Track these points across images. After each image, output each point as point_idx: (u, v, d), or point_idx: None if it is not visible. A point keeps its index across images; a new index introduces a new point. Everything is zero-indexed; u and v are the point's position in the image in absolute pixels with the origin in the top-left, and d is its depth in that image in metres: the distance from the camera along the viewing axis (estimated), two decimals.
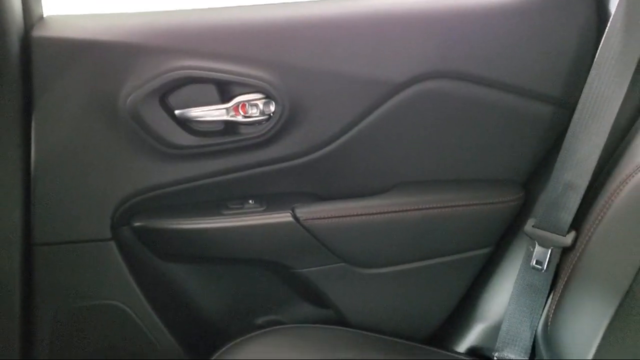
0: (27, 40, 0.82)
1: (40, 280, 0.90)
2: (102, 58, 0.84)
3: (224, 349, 0.83)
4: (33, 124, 0.83)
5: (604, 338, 0.79)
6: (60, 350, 0.92)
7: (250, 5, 0.88)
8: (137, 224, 0.90)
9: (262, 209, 0.90)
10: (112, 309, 0.92)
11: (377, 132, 0.91)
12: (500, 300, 0.96)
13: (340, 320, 0.98)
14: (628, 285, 0.77)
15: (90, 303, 0.92)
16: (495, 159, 0.94)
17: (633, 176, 0.81)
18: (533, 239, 0.92)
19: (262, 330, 0.87)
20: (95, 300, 0.92)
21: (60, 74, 0.83)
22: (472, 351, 0.98)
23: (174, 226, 0.90)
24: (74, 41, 0.83)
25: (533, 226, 0.92)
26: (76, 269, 0.90)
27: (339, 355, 0.84)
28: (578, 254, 0.86)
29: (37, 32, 0.82)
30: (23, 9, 0.82)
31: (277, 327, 0.89)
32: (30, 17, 0.84)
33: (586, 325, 0.82)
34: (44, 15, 0.87)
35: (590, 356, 0.80)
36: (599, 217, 0.84)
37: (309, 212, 0.90)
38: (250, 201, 0.91)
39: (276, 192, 0.92)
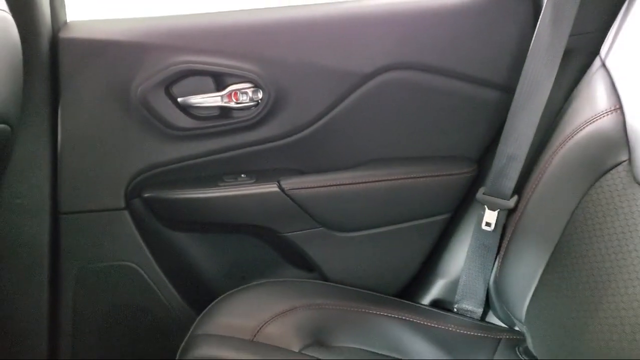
0: (55, 41, 0.98)
1: (66, 243, 1.05)
2: (116, 55, 1.00)
3: (215, 301, 0.98)
4: (60, 110, 1.00)
5: (538, 284, 0.94)
6: (82, 304, 1.07)
7: (240, 10, 1.05)
8: (146, 195, 1.06)
9: (252, 181, 1.06)
10: (126, 269, 1.08)
11: (350, 115, 1.07)
12: (458, 258, 1.12)
13: (322, 279, 1.14)
14: (558, 238, 0.92)
15: (107, 264, 1.08)
16: (451, 137, 1.10)
17: (562, 147, 0.97)
18: (483, 204, 1.07)
19: (251, 284, 1.03)
20: (112, 262, 1.08)
21: (82, 68, 0.99)
22: (435, 303, 1.13)
23: (178, 196, 1.06)
24: (94, 41, 1.00)
25: (483, 193, 1.07)
26: (95, 234, 1.06)
27: (319, 301, 1.00)
28: (519, 215, 1.02)
29: (63, 34, 0.99)
30: (51, 15, 0.99)
31: (264, 280, 1.05)
32: (57, 22, 1.00)
33: (525, 275, 0.97)
34: (68, 21, 1.03)
35: (527, 300, 0.96)
36: (536, 182, 0.99)
37: (292, 183, 1.06)
38: (242, 175, 1.07)
39: (264, 168, 1.08)
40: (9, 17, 0.80)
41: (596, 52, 0.97)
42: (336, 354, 0.90)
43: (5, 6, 0.83)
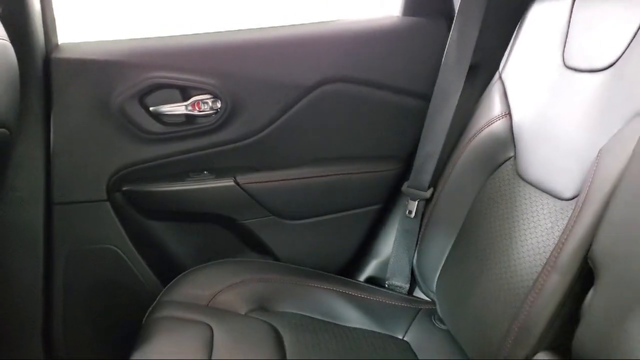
0: (47, 60, 1.18)
1: (57, 229, 1.25)
2: (99, 72, 1.21)
3: (180, 275, 1.18)
4: (52, 118, 1.20)
5: (445, 260, 1.14)
6: (71, 280, 1.27)
7: (201, 33, 1.25)
8: (125, 188, 1.26)
9: (213, 177, 1.26)
10: (108, 252, 1.28)
11: (296, 122, 1.27)
12: (388, 242, 1.32)
13: (274, 260, 1.34)
14: (461, 223, 1.12)
15: (92, 247, 1.27)
16: (380, 139, 1.31)
17: (466, 146, 1.17)
18: (407, 196, 1.27)
19: (211, 262, 1.22)
20: (96, 245, 1.27)
21: (70, 83, 1.20)
22: (369, 280, 1.33)
23: (152, 189, 1.26)
24: (79, 60, 1.20)
25: (407, 186, 1.27)
26: (82, 221, 1.26)
27: (266, 276, 1.20)
28: (433, 204, 1.22)
29: (55, 55, 1.19)
30: (45, 39, 1.19)
31: (224, 260, 1.25)
32: (50, 44, 1.21)
33: (436, 253, 1.16)
34: (59, 43, 1.24)
35: (437, 274, 1.15)
36: (446, 177, 1.19)
37: (247, 178, 1.27)
38: (205, 172, 1.27)
39: (224, 166, 1.28)
40: (7, 44, 1.01)
41: (497, 67, 1.17)
42: (276, 316, 1.10)
43: (5, 34, 1.03)
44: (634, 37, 0.84)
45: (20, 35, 1.12)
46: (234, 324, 1.04)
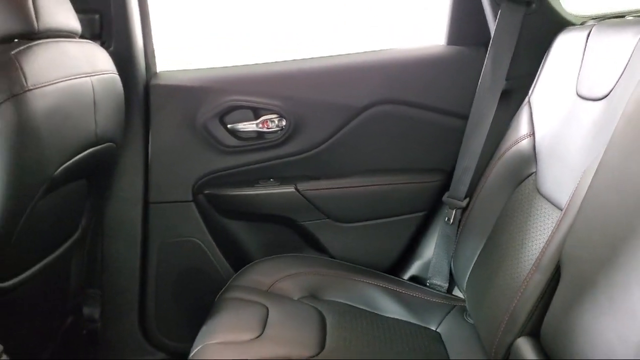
0: (147, 86, 1.46)
1: (152, 225, 1.52)
2: (188, 95, 1.47)
3: (247, 265, 1.41)
4: (150, 133, 1.47)
5: (475, 262, 1.28)
6: (162, 267, 1.54)
7: (270, 62, 1.48)
8: (206, 192, 1.51)
9: (277, 184, 1.48)
10: (192, 244, 1.53)
11: (349, 138, 1.46)
12: (430, 245, 1.47)
13: (328, 257, 1.53)
14: (490, 230, 1.26)
15: (180, 239, 1.53)
16: (424, 155, 1.47)
17: (497, 162, 1.31)
18: (447, 205, 1.43)
19: (273, 256, 1.44)
20: (183, 238, 1.53)
21: (165, 105, 1.46)
22: (413, 278, 1.49)
23: (227, 193, 1.50)
24: (172, 86, 1.47)
25: (447, 196, 1.43)
26: (172, 218, 1.52)
27: (319, 270, 1.39)
28: (468, 212, 1.37)
29: (153, 82, 1.47)
30: (145, 68, 1.47)
31: (284, 254, 1.47)
32: (149, 72, 1.48)
33: (468, 256, 1.31)
34: (157, 71, 1.51)
35: (467, 275, 1.29)
36: (480, 188, 1.34)
37: (305, 185, 1.48)
38: (271, 179, 1.49)
39: (286, 175, 1.50)
40: (116, 76, 1.28)
41: (527, 92, 1.30)
42: (323, 303, 1.29)
43: (114, 68, 1.30)
44: (624, 69, 0.96)
45: (126, 66, 1.40)
46: (286, 307, 1.25)
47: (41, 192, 1.01)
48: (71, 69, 1.07)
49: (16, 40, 1.01)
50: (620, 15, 1.23)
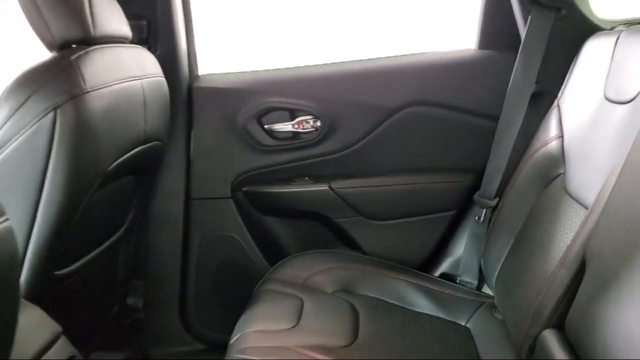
0: (190, 89, 1.54)
1: (193, 219, 1.60)
2: (228, 97, 1.54)
3: (283, 260, 1.47)
4: (192, 133, 1.55)
5: (504, 261, 1.32)
6: (202, 260, 1.61)
7: (305, 66, 1.54)
8: (244, 189, 1.58)
9: (312, 182, 1.54)
10: (230, 238, 1.60)
11: (382, 138, 1.52)
12: (460, 244, 1.52)
13: (361, 253, 1.58)
14: (519, 229, 1.29)
15: (218, 234, 1.61)
16: (455, 154, 1.51)
17: (526, 163, 1.35)
18: (477, 204, 1.47)
19: (308, 251, 1.50)
20: (222, 232, 1.60)
21: (207, 106, 1.54)
22: (443, 275, 1.54)
23: (264, 190, 1.57)
24: (213, 89, 1.54)
25: (478, 195, 1.47)
26: (211, 213, 1.59)
27: (352, 265, 1.45)
28: (498, 211, 1.40)
29: (195, 84, 1.54)
30: (189, 72, 1.55)
31: (319, 250, 1.52)
32: (192, 75, 1.56)
33: (497, 254, 1.35)
34: (199, 74, 1.59)
35: (497, 271, 1.33)
36: (509, 188, 1.38)
37: (339, 184, 1.53)
38: (306, 178, 1.56)
39: (321, 174, 1.56)
40: (162, 79, 1.36)
41: (556, 95, 1.34)
42: (356, 297, 1.35)
43: (160, 71, 1.38)
44: None
45: (171, 70, 1.48)
46: (321, 300, 1.31)
47: (96, 185, 1.09)
48: (124, 72, 1.15)
49: (74, 45, 1.10)
50: None
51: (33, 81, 1.00)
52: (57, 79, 1.00)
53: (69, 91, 0.99)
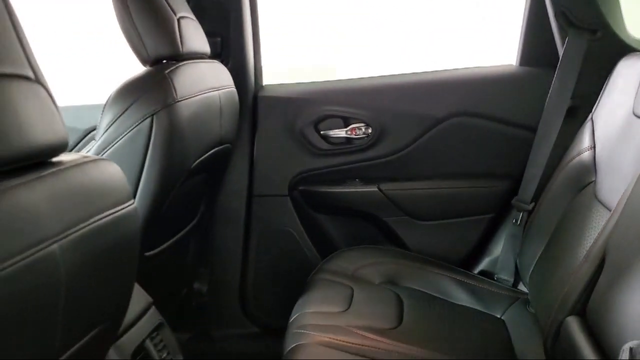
0: (255, 98, 1.72)
1: (253, 214, 1.78)
2: (288, 106, 1.71)
3: (334, 253, 1.63)
4: (256, 137, 1.73)
5: (538, 260, 1.45)
6: (261, 253, 1.78)
7: (358, 78, 1.70)
8: (300, 188, 1.75)
9: (362, 183, 1.70)
10: (287, 233, 1.77)
11: (428, 145, 1.66)
12: (498, 244, 1.64)
13: (406, 250, 1.73)
14: (552, 230, 1.42)
15: (276, 228, 1.78)
16: (495, 162, 1.65)
17: (561, 171, 1.47)
18: (515, 207, 1.59)
19: (357, 246, 1.66)
20: (279, 227, 1.78)
21: (269, 113, 1.72)
22: (482, 273, 1.67)
23: (319, 190, 1.73)
24: (276, 98, 1.72)
25: (515, 200, 1.59)
26: (270, 210, 1.77)
27: (398, 260, 1.59)
28: (534, 215, 1.53)
29: (260, 94, 1.72)
30: (255, 82, 1.73)
31: (367, 245, 1.68)
32: (257, 86, 1.74)
33: (531, 254, 1.48)
34: (263, 84, 1.77)
35: (530, 270, 1.46)
36: (545, 193, 1.51)
37: (387, 186, 1.69)
38: (357, 180, 1.72)
39: (371, 176, 1.72)
40: (234, 89, 1.54)
41: (591, 110, 1.46)
42: (401, 289, 1.49)
43: (232, 82, 1.56)
44: None
45: (240, 80, 1.66)
46: (369, 289, 1.46)
47: (181, 180, 1.27)
48: (205, 84, 1.33)
49: (165, 61, 1.29)
50: None
51: (133, 92, 1.20)
52: (154, 90, 1.19)
53: (164, 101, 1.18)
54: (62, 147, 0.66)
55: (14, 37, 0.61)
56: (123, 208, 0.74)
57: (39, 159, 0.63)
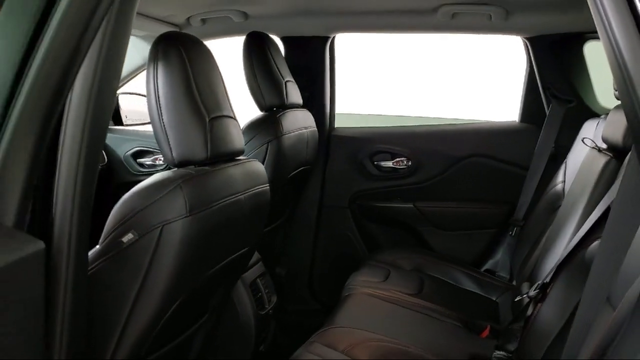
0: (329, 137, 2.41)
1: (322, 221, 2.43)
2: (352, 143, 2.39)
3: (378, 250, 2.26)
4: (327, 164, 2.40)
5: (523, 260, 2.04)
6: (326, 252, 2.43)
7: (401, 126, 2.37)
8: (358, 202, 2.40)
9: (402, 201, 2.34)
10: (345, 236, 2.43)
11: (450, 176, 2.30)
12: (499, 250, 2.24)
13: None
14: (536, 239, 2.02)
15: (338, 232, 2.43)
16: (499, 191, 2.26)
17: (544, 197, 2.07)
18: (511, 224, 2.19)
19: (395, 248, 2.29)
20: (340, 231, 2.43)
21: (338, 148, 2.40)
22: (487, 271, 2.26)
23: (371, 204, 2.39)
24: (344, 137, 2.41)
25: (512, 219, 2.19)
26: (335, 217, 2.42)
27: (425, 258, 2.21)
28: (524, 229, 2.13)
29: (333, 133, 2.41)
30: (329, 126, 2.42)
31: (402, 248, 2.30)
32: (331, 127, 2.43)
33: (520, 258, 2.07)
34: (335, 126, 2.46)
35: (518, 267, 2.05)
36: (532, 213, 2.10)
37: (421, 204, 2.32)
38: (398, 198, 2.36)
39: (409, 196, 2.35)
40: (315, 129, 2.22)
41: (566, 155, 2.06)
42: (424, 275, 2.10)
43: (314, 124, 2.24)
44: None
45: (319, 123, 2.35)
46: (401, 272, 2.08)
47: (282, 185, 1.95)
48: (299, 125, 2.03)
49: (274, 108, 1.99)
50: None
51: (257, 127, 1.90)
52: (270, 127, 1.89)
53: (275, 134, 1.87)
54: (242, 151, 1.34)
55: (223, 90, 1.31)
56: (264, 186, 1.42)
57: (235, 156, 1.32)
